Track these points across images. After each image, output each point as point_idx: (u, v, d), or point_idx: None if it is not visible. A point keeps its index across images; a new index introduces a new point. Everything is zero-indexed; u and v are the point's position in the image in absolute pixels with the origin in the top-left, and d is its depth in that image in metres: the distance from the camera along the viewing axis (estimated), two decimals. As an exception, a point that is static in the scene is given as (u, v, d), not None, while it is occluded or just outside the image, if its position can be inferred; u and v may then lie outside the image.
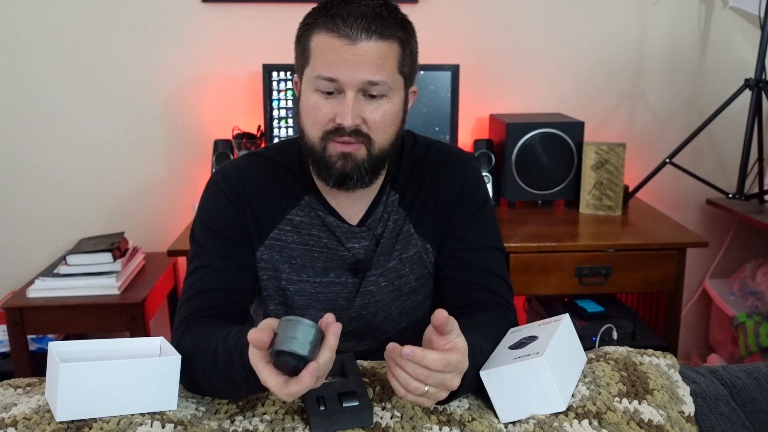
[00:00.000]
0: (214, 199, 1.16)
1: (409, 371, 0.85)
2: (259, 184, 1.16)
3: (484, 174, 2.20)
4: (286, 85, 2.15)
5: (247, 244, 1.16)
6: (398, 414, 0.93)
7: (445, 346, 0.87)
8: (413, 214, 1.19)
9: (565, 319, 1.03)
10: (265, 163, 1.19)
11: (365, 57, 1.02)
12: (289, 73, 2.14)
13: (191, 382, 1.01)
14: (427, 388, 0.85)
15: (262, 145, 2.14)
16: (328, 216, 1.17)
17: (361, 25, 1.02)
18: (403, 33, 1.07)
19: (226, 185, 1.16)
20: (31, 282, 2.04)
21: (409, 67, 1.11)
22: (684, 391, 1.01)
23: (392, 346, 0.87)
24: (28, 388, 1.04)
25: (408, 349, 0.83)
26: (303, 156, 1.17)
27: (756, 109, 2.16)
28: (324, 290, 1.19)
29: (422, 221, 1.19)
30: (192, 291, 1.12)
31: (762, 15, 2.15)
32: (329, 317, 0.83)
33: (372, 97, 1.06)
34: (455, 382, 0.87)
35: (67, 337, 2.15)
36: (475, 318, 1.10)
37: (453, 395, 0.94)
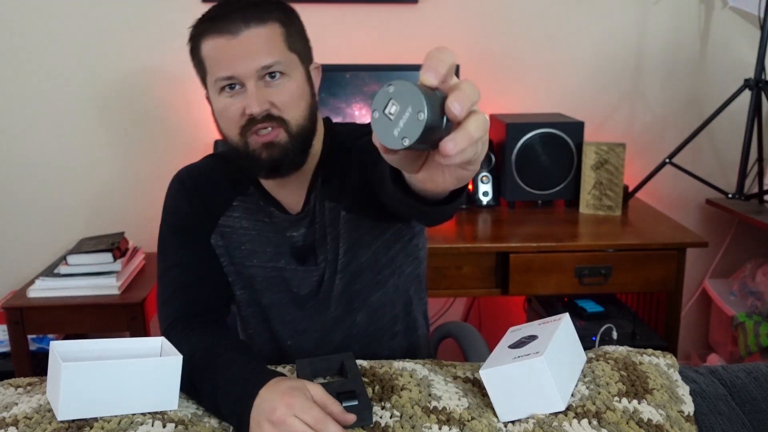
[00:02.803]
0: (170, 197, 1.25)
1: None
2: (209, 177, 1.24)
3: (483, 174, 2.20)
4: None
5: (202, 233, 1.22)
6: (398, 413, 0.94)
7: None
8: (343, 200, 1.20)
9: (565, 318, 1.03)
10: (216, 160, 1.27)
11: (251, 45, 1.07)
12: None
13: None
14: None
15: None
16: (269, 206, 1.21)
17: (238, 17, 1.06)
18: (281, 13, 1.11)
19: (178, 182, 1.26)
20: (32, 282, 2.04)
21: (299, 44, 1.14)
22: (683, 390, 1.01)
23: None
24: (28, 387, 1.04)
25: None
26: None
27: (755, 109, 2.16)
28: (278, 275, 1.23)
29: (352, 204, 1.20)
30: (169, 290, 1.18)
31: (762, 15, 2.16)
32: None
33: (272, 79, 1.09)
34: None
35: (67, 337, 2.15)
36: None
37: None
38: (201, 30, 1.10)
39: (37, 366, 2.02)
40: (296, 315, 1.25)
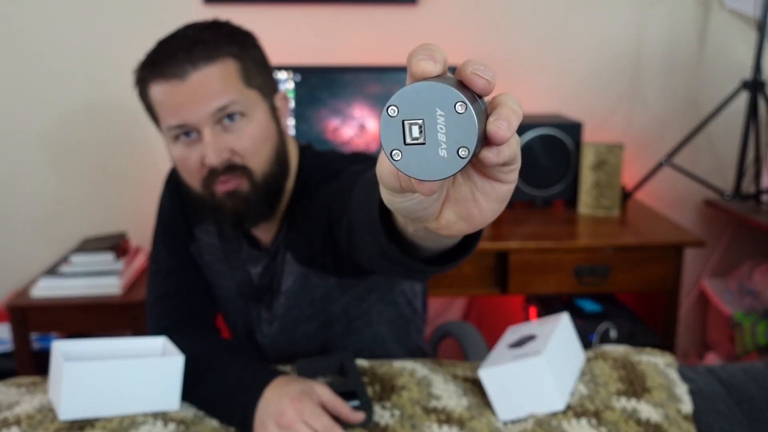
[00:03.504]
0: (161, 198, 1.21)
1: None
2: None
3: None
4: (286, 85, 2.15)
5: (185, 240, 1.17)
6: (397, 413, 0.94)
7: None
8: (302, 251, 1.08)
9: (564, 318, 1.04)
10: None
11: (201, 87, 0.96)
12: (289, 74, 2.15)
13: None
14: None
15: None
16: (242, 238, 1.13)
17: (184, 58, 0.96)
18: (233, 47, 1.00)
19: (166, 183, 1.20)
20: (34, 281, 2.05)
21: (259, 77, 1.03)
22: (682, 389, 1.02)
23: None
24: (31, 386, 1.04)
25: None
26: None
27: (752, 110, 2.17)
28: (243, 305, 1.18)
29: (311, 255, 1.07)
30: (153, 297, 1.15)
31: (758, 16, 2.16)
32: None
33: (231, 121, 0.98)
34: None
35: (69, 337, 2.15)
36: None
37: None
38: (145, 74, 1.00)
39: (39, 365, 2.02)
40: (272, 345, 1.19)
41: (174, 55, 0.96)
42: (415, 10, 2.30)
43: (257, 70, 1.03)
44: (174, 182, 1.18)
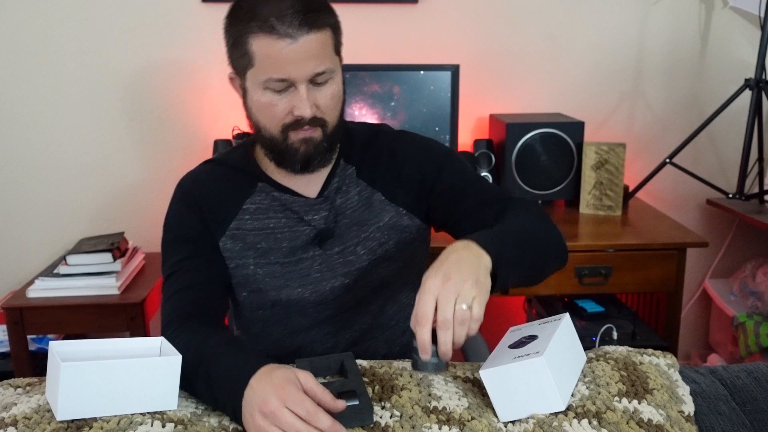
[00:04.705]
0: (173, 208, 1.25)
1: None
2: (213, 184, 1.24)
3: (484, 174, 2.20)
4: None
5: (208, 241, 1.22)
6: (398, 413, 0.93)
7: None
8: (378, 183, 1.25)
9: (565, 318, 1.03)
10: (216, 166, 1.28)
11: (308, 51, 1.08)
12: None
13: None
14: (464, 305, 0.89)
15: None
16: (284, 195, 1.23)
17: (297, 21, 1.06)
18: (332, 17, 1.14)
19: (181, 193, 1.25)
20: (31, 282, 2.04)
21: (340, 44, 1.19)
22: (684, 390, 1.01)
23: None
24: (28, 387, 1.04)
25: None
26: (249, 152, 1.26)
27: (756, 109, 2.16)
28: (294, 268, 1.22)
29: (390, 189, 1.25)
30: (169, 292, 1.18)
31: (762, 15, 2.15)
32: None
33: (322, 82, 1.12)
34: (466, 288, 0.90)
35: (67, 337, 2.15)
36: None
37: (498, 274, 0.97)
38: (252, 26, 1.07)
39: (36, 366, 2.02)
40: (315, 307, 1.25)
41: (288, 16, 1.06)
42: (415, 10, 2.29)
43: (340, 39, 1.18)
44: (193, 191, 1.24)
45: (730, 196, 2.22)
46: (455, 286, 0.89)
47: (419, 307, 0.90)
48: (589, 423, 0.91)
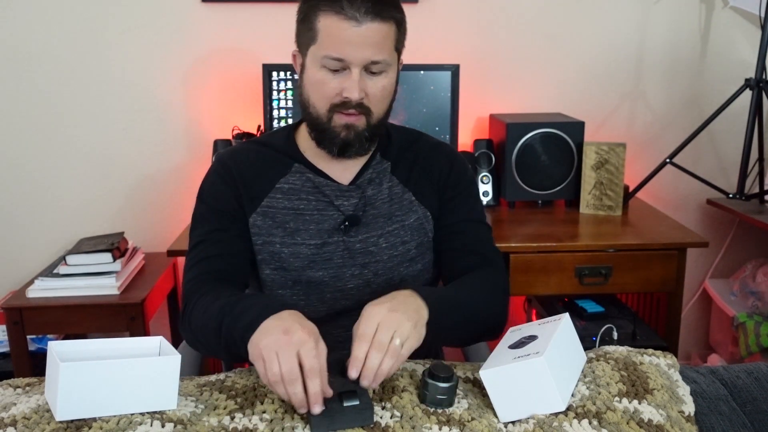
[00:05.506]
0: (209, 180, 1.29)
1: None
2: (251, 160, 1.28)
3: (484, 174, 2.21)
4: (286, 84, 2.14)
5: (239, 216, 1.26)
6: (398, 414, 0.93)
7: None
8: (411, 183, 1.30)
9: (565, 318, 1.03)
10: (255, 145, 1.32)
11: (369, 38, 1.12)
12: (288, 73, 2.14)
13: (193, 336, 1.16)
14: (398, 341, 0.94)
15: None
16: (318, 177, 1.27)
17: (365, 7, 1.10)
18: (399, 14, 1.17)
19: (220, 166, 1.29)
20: (31, 282, 2.04)
21: (401, 45, 1.22)
22: (684, 390, 1.01)
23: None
24: (27, 387, 1.04)
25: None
26: (291, 135, 1.30)
27: (756, 109, 2.16)
28: (319, 251, 1.25)
29: (421, 191, 1.30)
30: (197, 259, 1.23)
31: (762, 15, 2.15)
32: None
33: (374, 72, 1.15)
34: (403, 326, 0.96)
35: (66, 337, 2.14)
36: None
37: (431, 328, 1.03)
38: (322, 3, 1.12)
39: (36, 366, 2.02)
40: (333, 294, 1.27)
41: (359, 1, 1.10)
42: (415, 9, 2.29)
43: (403, 38, 1.21)
44: (231, 165, 1.28)
45: (731, 196, 2.22)
46: (398, 320, 0.96)
47: (362, 327, 0.95)
48: (590, 423, 0.91)
